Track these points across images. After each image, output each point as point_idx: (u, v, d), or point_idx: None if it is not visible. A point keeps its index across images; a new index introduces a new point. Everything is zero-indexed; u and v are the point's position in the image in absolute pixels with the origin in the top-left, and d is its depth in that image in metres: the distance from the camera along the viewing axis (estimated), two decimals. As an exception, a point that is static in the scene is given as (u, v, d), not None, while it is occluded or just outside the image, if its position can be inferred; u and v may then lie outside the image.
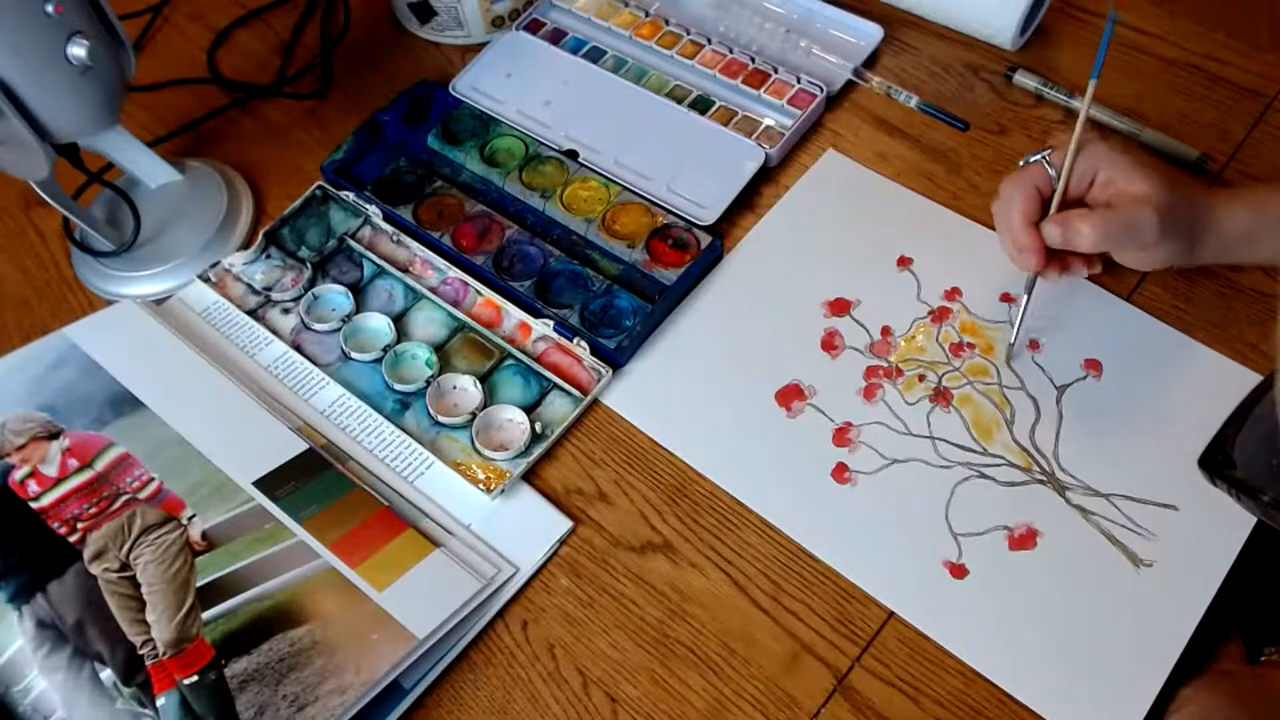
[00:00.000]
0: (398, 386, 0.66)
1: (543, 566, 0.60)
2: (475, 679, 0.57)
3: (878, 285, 0.68)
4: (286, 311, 0.71)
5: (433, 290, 0.70)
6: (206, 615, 0.57)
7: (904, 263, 0.69)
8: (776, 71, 0.77)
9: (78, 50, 0.61)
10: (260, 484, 0.62)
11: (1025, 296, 0.63)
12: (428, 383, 0.66)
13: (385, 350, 0.67)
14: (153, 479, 0.62)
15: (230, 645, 0.56)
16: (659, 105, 0.77)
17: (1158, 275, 0.66)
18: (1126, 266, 0.62)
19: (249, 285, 0.72)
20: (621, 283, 0.69)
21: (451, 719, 0.56)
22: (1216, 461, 0.56)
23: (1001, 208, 0.61)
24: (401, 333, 0.68)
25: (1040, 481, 0.60)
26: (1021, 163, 0.61)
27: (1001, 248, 0.62)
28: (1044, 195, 0.60)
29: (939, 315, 0.66)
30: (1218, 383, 0.61)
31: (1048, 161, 0.60)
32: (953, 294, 0.67)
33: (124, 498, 0.62)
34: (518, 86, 0.79)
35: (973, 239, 0.69)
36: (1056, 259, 0.61)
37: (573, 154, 0.75)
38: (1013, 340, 0.64)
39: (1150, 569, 0.56)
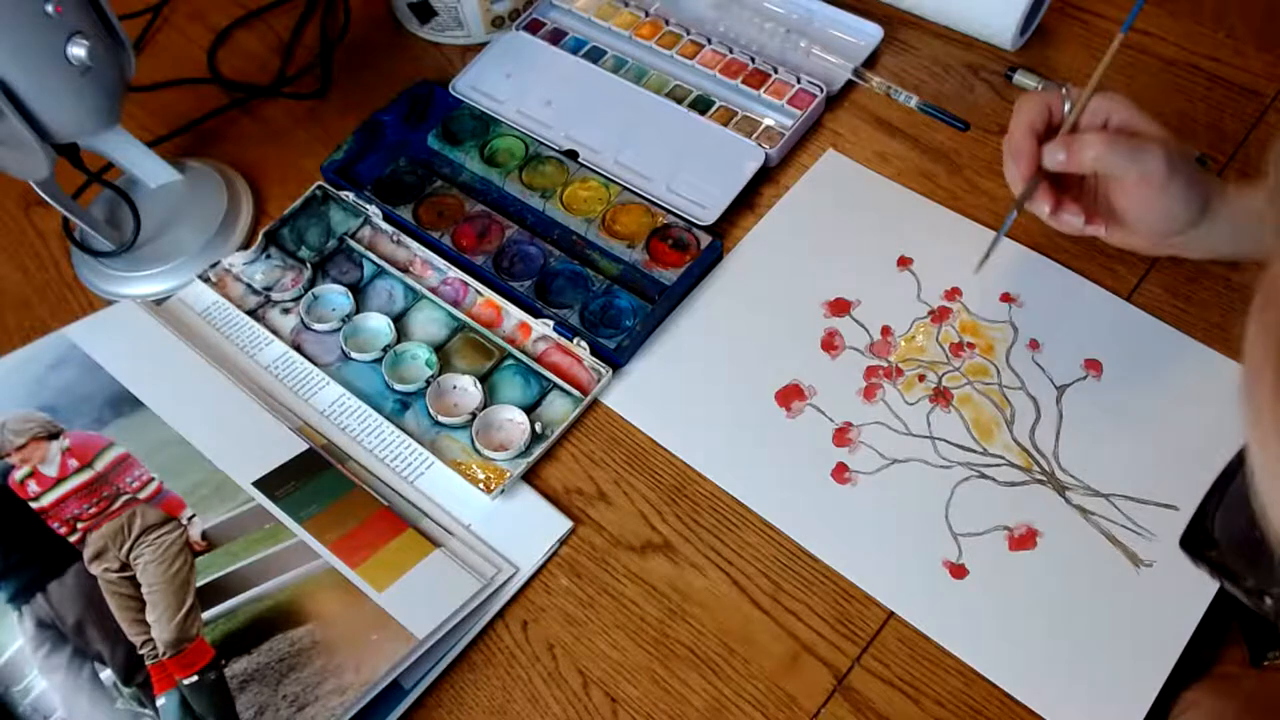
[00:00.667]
0: (398, 386, 0.66)
1: (543, 566, 0.60)
2: (475, 679, 0.57)
3: (878, 285, 0.68)
4: (286, 311, 0.71)
5: (433, 290, 0.70)
6: (206, 615, 0.57)
7: (904, 263, 0.69)
8: (776, 71, 0.77)
9: (78, 50, 0.61)
10: (260, 484, 0.62)
11: (1013, 213, 0.61)
12: (428, 383, 0.66)
13: (385, 350, 0.67)
14: (153, 479, 0.62)
15: (230, 645, 0.56)
16: (659, 105, 0.77)
17: (1158, 275, 0.66)
18: (1135, 244, 0.61)
19: (249, 285, 0.72)
20: (621, 283, 0.69)
21: (451, 719, 0.56)
22: (1198, 542, 0.54)
23: (1011, 121, 0.60)
24: (401, 333, 0.68)
25: (1040, 481, 0.60)
26: (1039, 87, 0.61)
27: (1005, 171, 0.61)
28: (1054, 117, 0.60)
29: (939, 315, 0.66)
30: (1218, 383, 0.61)
31: (1064, 93, 0.59)
32: (953, 294, 0.67)
33: (124, 498, 0.62)
34: (518, 86, 0.79)
35: (973, 239, 0.69)
36: (1052, 188, 0.60)
37: (573, 154, 0.75)
38: (987, 252, 0.63)
39: (1150, 569, 0.56)
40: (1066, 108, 0.59)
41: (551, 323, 0.67)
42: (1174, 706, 0.53)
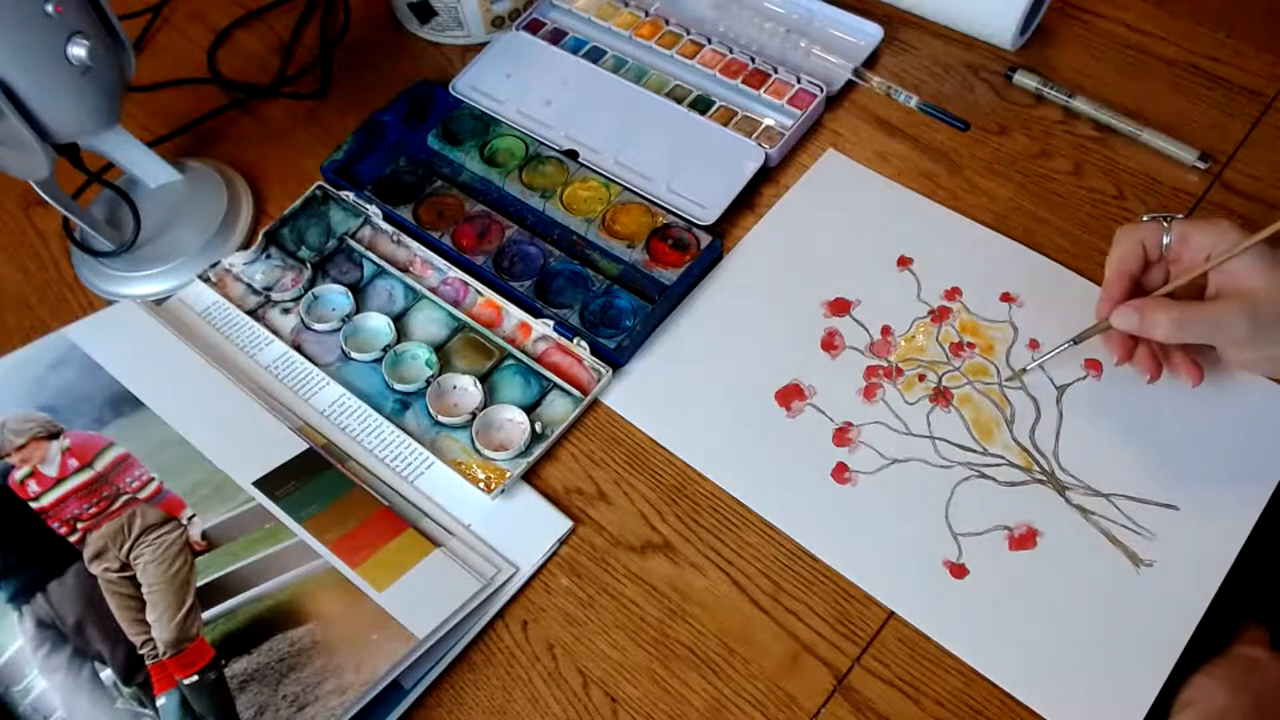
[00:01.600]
0: (398, 386, 0.66)
1: (543, 566, 0.60)
2: (475, 679, 0.57)
3: (878, 285, 0.68)
4: (286, 311, 0.71)
5: (433, 290, 0.70)
6: (206, 615, 0.57)
7: (904, 263, 0.69)
8: (776, 71, 0.77)
9: (78, 50, 0.61)
10: (260, 484, 0.62)
11: (1069, 342, 0.60)
12: (428, 383, 0.66)
13: (385, 350, 0.67)
14: (153, 479, 0.62)
15: (230, 645, 0.56)
16: (659, 105, 0.77)
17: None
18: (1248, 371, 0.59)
19: (249, 285, 0.72)
20: (621, 283, 0.69)
21: (451, 719, 0.56)
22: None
23: (1110, 254, 0.58)
24: (401, 333, 0.68)
25: (1040, 481, 0.60)
26: (1144, 218, 0.58)
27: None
28: (1149, 256, 0.57)
29: (939, 315, 0.66)
30: (1218, 383, 0.61)
31: (1165, 226, 0.56)
32: (953, 294, 0.67)
33: (124, 498, 0.62)
34: (518, 86, 0.79)
35: (973, 239, 0.69)
36: (1135, 343, 0.58)
37: (573, 154, 0.75)
38: (1030, 365, 0.63)
39: (1150, 569, 0.56)
40: (1166, 241, 0.56)
41: (551, 323, 0.67)
42: (1183, 686, 0.53)
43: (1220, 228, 0.55)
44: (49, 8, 0.59)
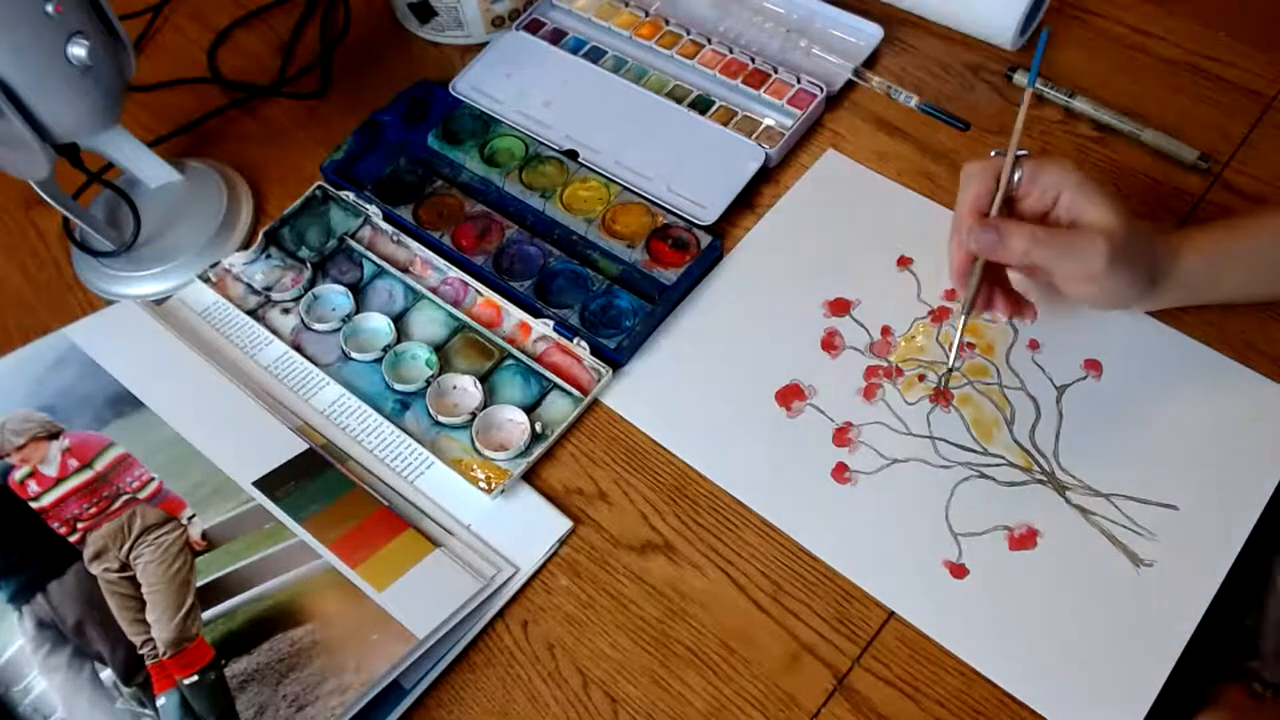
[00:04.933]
0: (398, 386, 0.66)
1: (543, 566, 0.60)
2: (475, 679, 0.57)
3: (878, 285, 0.68)
4: (286, 311, 0.71)
5: (433, 290, 0.70)
6: (206, 615, 0.57)
7: (904, 263, 0.69)
8: (776, 71, 0.77)
9: (78, 50, 0.61)
10: (260, 484, 0.62)
11: (963, 317, 0.58)
12: (428, 383, 0.66)
13: (385, 350, 0.67)
14: (153, 479, 0.62)
15: (230, 645, 0.56)
16: (659, 105, 0.77)
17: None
18: (1084, 306, 0.60)
19: (249, 285, 0.72)
20: (621, 283, 0.69)
21: (451, 719, 0.56)
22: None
23: (958, 195, 0.58)
24: (401, 333, 0.68)
25: (1040, 481, 0.60)
26: (992, 153, 0.58)
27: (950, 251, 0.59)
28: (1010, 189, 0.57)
29: (939, 315, 0.66)
30: (1217, 383, 0.61)
31: (1017, 162, 0.57)
32: (953, 294, 0.67)
33: (124, 498, 0.62)
34: (518, 86, 0.79)
35: (973, 239, 0.69)
36: (985, 291, 0.58)
37: (573, 154, 0.75)
38: (950, 363, 0.61)
39: (1150, 569, 0.56)
40: (1018, 177, 0.57)
41: (551, 323, 0.67)
42: None
43: (1061, 163, 0.56)
44: (49, 8, 0.59)
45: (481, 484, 0.62)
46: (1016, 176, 0.57)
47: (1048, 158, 0.57)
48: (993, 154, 0.58)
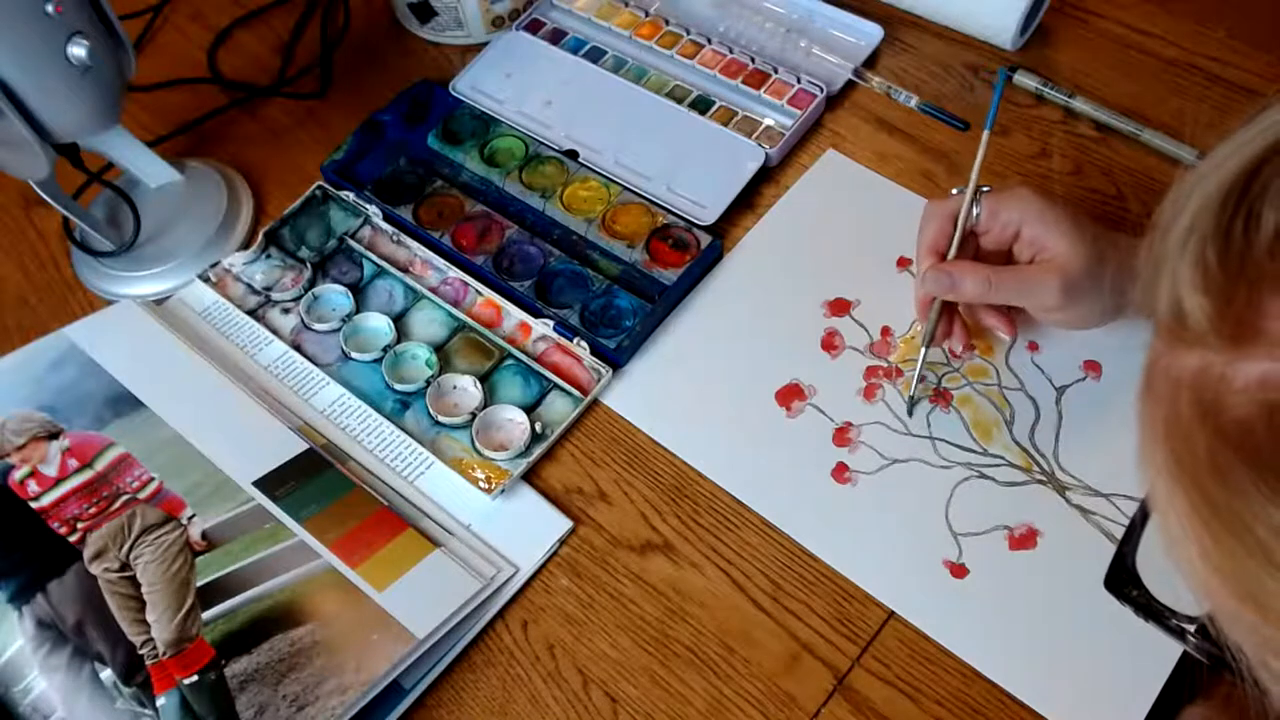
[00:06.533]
0: (398, 386, 0.66)
1: (543, 566, 0.60)
2: (475, 679, 0.57)
3: (878, 285, 0.68)
4: (286, 311, 0.71)
5: (433, 290, 0.70)
6: (206, 615, 0.57)
7: (904, 263, 0.69)
8: (776, 71, 0.77)
9: (78, 50, 0.61)
10: (260, 484, 0.62)
11: (923, 349, 0.60)
12: (428, 383, 0.66)
13: (385, 350, 0.67)
14: (153, 479, 0.62)
15: (230, 645, 0.56)
16: (659, 105, 0.77)
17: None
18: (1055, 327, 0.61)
19: (249, 285, 0.72)
20: (621, 283, 0.69)
21: (451, 719, 0.56)
22: (1121, 580, 0.54)
23: (918, 235, 0.59)
24: (401, 333, 0.68)
25: (1040, 481, 0.60)
26: (954, 191, 0.59)
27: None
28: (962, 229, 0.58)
29: (939, 315, 0.66)
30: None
31: (976, 198, 0.57)
32: (953, 294, 0.67)
33: (124, 498, 0.62)
34: (518, 86, 0.79)
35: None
36: (945, 323, 0.59)
37: (573, 154, 0.75)
38: (911, 392, 0.62)
39: (1150, 569, 0.56)
40: (977, 213, 0.57)
41: (551, 323, 0.67)
42: None
43: (1021, 196, 0.56)
44: (49, 8, 0.59)
45: (481, 484, 0.62)
46: (976, 213, 0.57)
47: (1008, 191, 0.58)
48: (954, 192, 0.59)
